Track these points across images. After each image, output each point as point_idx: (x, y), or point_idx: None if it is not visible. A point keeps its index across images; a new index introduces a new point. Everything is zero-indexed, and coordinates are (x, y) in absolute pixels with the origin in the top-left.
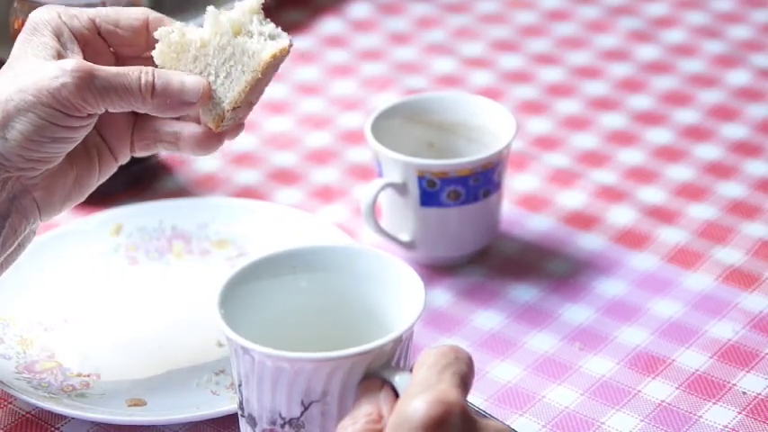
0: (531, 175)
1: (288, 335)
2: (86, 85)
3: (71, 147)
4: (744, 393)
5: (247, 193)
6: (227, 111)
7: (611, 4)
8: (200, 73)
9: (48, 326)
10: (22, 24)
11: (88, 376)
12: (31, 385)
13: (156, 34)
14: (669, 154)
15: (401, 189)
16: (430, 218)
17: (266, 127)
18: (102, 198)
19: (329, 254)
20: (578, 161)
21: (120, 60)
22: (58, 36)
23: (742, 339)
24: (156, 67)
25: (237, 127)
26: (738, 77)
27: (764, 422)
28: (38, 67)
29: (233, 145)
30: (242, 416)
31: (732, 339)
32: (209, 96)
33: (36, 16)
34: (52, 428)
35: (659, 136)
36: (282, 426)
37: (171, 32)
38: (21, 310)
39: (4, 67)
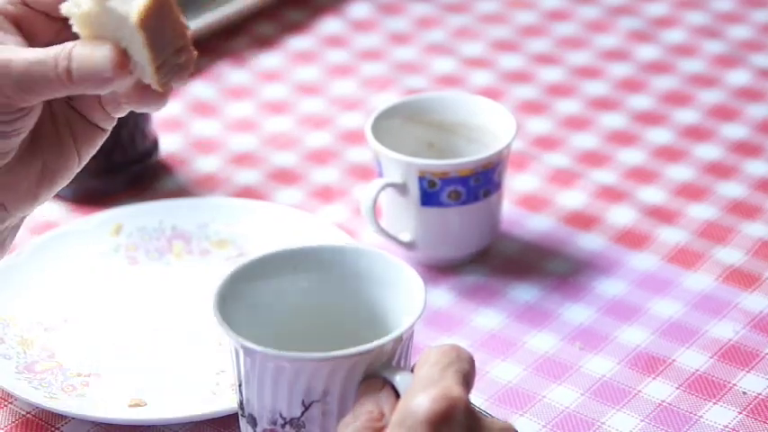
0: (532, 175)
1: (287, 334)
2: (4, 82)
3: (16, 140)
4: (744, 393)
5: (247, 193)
6: (155, 70)
7: (611, 4)
8: (117, 37)
9: (48, 326)
10: None
11: (88, 376)
12: (31, 385)
13: (63, 11)
14: (669, 154)
15: (401, 189)
16: (430, 218)
17: (266, 127)
18: (102, 198)
19: (330, 253)
20: (578, 161)
21: (62, 28)
22: (18, 24)
23: (742, 339)
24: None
25: (182, 72)
26: (738, 77)
27: (765, 422)
28: None
29: (233, 145)
30: (242, 416)
31: (732, 339)
32: (124, 64)
33: None
34: (52, 428)
35: (659, 136)
36: (283, 425)
37: (71, 6)
38: (21, 310)
39: None
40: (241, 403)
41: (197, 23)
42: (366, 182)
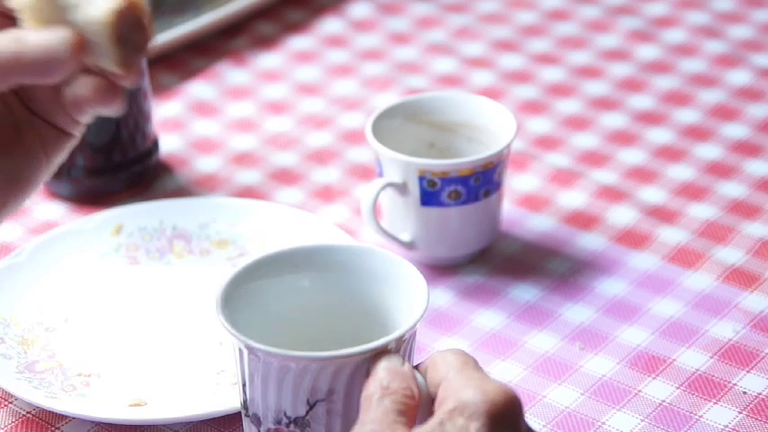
0: (532, 175)
1: (290, 334)
2: None
3: None
4: (744, 393)
5: (248, 193)
6: (114, 50)
7: (611, 4)
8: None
9: (48, 326)
10: None
11: (89, 376)
12: (31, 385)
13: (16, 5)
14: (669, 154)
15: (402, 189)
16: (430, 218)
17: (266, 127)
18: (103, 198)
19: (332, 252)
20: (578, 161)
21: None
22: None
23: (742, 339)
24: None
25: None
26: (738, 77)
27: (765, 422)
28: None
29: (233, 145)
30: (246, 415)
31: (732, 339)
32: (82, 47)
33: None
34: (52, 428)
35: (659, 136)
36: (288, 425)
37: None
38: (21, 310)
39: None
40: (245, 403)
41: (197, 23)
42: (366, 182)
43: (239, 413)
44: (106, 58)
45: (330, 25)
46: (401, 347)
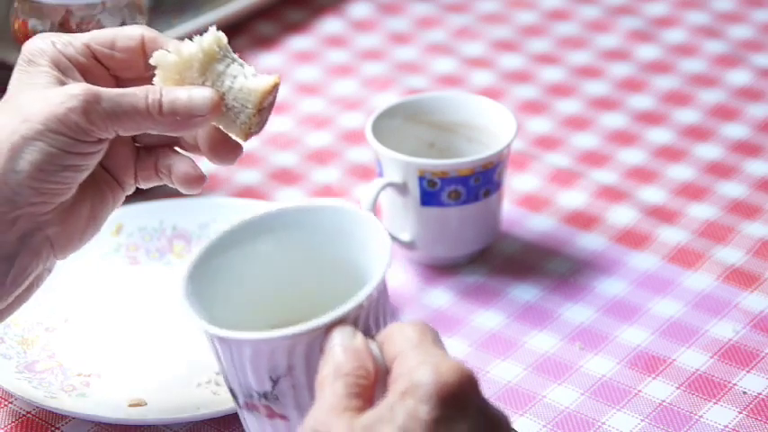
0: (532, 175)
1: (265, 303)
2: (93, 108)
3: (83, 175)
4: (744, 393)
5: (248, 192)
6: (252, 117)
7: (611, 4)
8: (212, 84)
9: (48, 326)
10: (23, 24)
11: (89, 376)
12: (31, 385)
13: (153, 60)
14: (669, 154)
15: (401, 189)
16: (430, 218)
17: (267, 127)
18: None
19: (294, 214)
20: (578, 161)
21: (120, 84)
22: (57, 64)
23: (742, 339)
24: None
25: (235, 150)
26: (738, 77)
27: (765, 422)
28: (41, 95)
29: None
30: (229, 389)
31: (732, 339)
32: (220, 107)
33: (30, 46)
34: (52, 428)
35: (659, 136)
36: (259, 399)
37: (167, 54)
38: (22, 310)
39: (4, 99)
40: (222, 377)
41: (197, 23)
42: (366, 182)
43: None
44: (234, 123)
45: (330, 25)
46: (363, 313)
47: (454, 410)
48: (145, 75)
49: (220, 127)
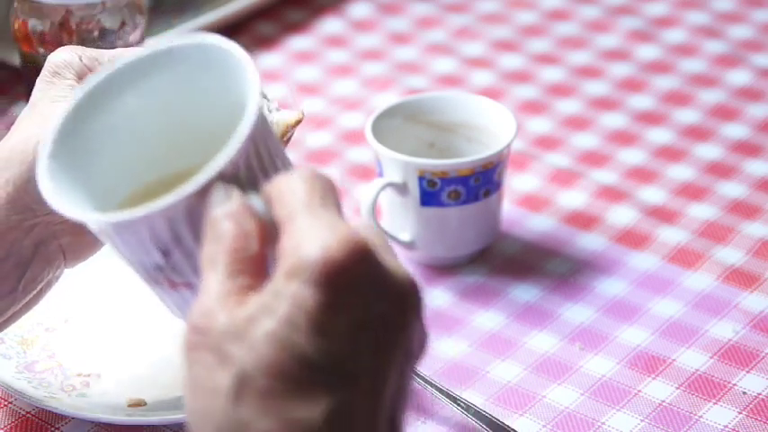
0: (532, 175)
1: (144, 162)
2: None
3: None
4: (744, 393)
5: None
6: None
7: (611, 4)
8: None
9: (48, 326)
10: (23, 24)
11: (88, 376)
12: (31, 385)
13: None
14: (669, 154)
15: (401, 189)
16: (430, 218)
17: None
18: None
19: (150, 62)
20: (578, 161)
21: None
22: (81, 78)
23: (742, 339)
24: None
25: None
26: (738, 77)
27: (765, 422)
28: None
29: None
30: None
31: (732, 339)
32: None
33: (56, 59)
34: (52, 428)
35: (659, 136)
36: (156, 272)
37: None
38: None
39: (25, 111)
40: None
41: (197, 23)
42: (366, 182)
43: None
44: None
45: (330, 25)
46: (240, 165)
47: (346, 292)
48: None
49: None
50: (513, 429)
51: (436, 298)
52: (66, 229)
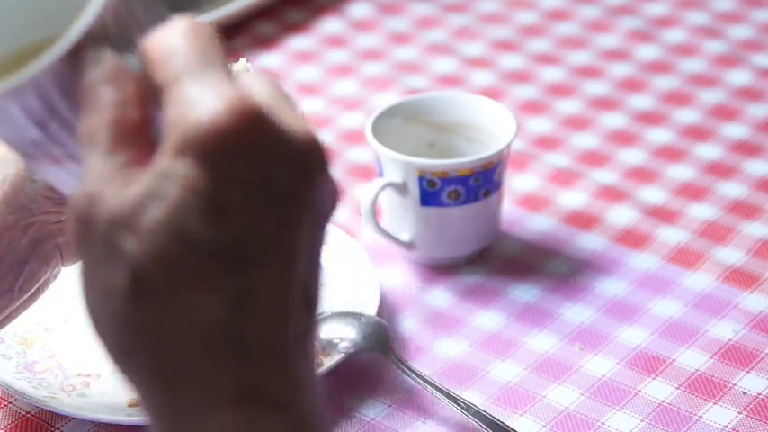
0: (532, 175)
1: (7, 32)
2: None
3: None
4: (744, 393)
5: None
6: None
7: (611, 4)
8: None
9: (48, 326)
10: None
11: (88, 376)
12: (31, 385)
13: None
14: (669, 154)
15: (401, 189)
16: (430, 218)
17: None
18: None
19: None
20: (578, 161)
21: None
22: None
23: (742, 339)
24: None
25: None
26: (738, 77)
27: (765, 422)
28: None
29: None
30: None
31: (732, 339)
32: None
33: None
34: (52, 428)
35: (659, 136)
36: (36, 149)
37: None
38: None
39: None
40: None
41: None
42: (366, 182)
43: None
44: None
45: (330, 25)
46: (110, 27)
47: (235, 168)
48: None
49: None
50: (513, 429)
51: (436, 298)
52: (63, 228)
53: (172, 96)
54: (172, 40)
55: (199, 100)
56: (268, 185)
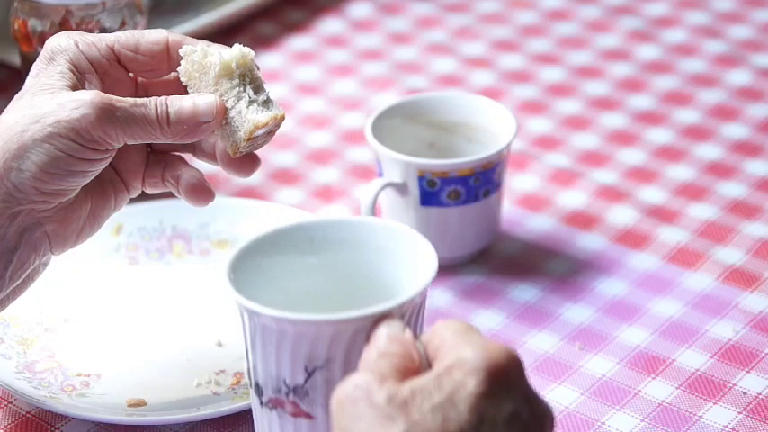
0: (532, 175)
1: (298, 310)
2: (108, 117)
3: (86, 181)
4: (744, 393)
5: (247, 193)
6: (242, 141)
7: (611, 4)
8: (221, 96)
9: (48, 326)
10: (23, 24)
11: (88, 376)
12: (31, 385)
13: (182, 51)
14: (669, 154)
15: (401, 189)
16: (430, 218)
17: None
18: None
19: (343, 227)
20: (578, 161)
21: (140, 86)
22: (76, 65)
23: (742, 339)
24: (182, 83)
25: (251, 164)
26: (738, 77)
27: (765, 422)
28: (54, 97)
29: None
30: (250, 386)
31: (732, 339)
32: (223, 114)
33: (52, 44)
34: (52, 428)
35: (659, 136)
36: (287, 393)
37: (194, 52)
38: (21, 309)
39: (18, 96)
40: (249, 371)
41: (197, 23)
42: (366, 182)
43: (239, 413)
44: (228, 138)
45: (330, 25)
46: (405, 315)
47: (501, 388)
48: (168, 77)
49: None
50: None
51: (436, 298)
52: (51, 216)
53: (443, 346)
54: (447, 322)
55: (469, 343)
56: (517, 413)
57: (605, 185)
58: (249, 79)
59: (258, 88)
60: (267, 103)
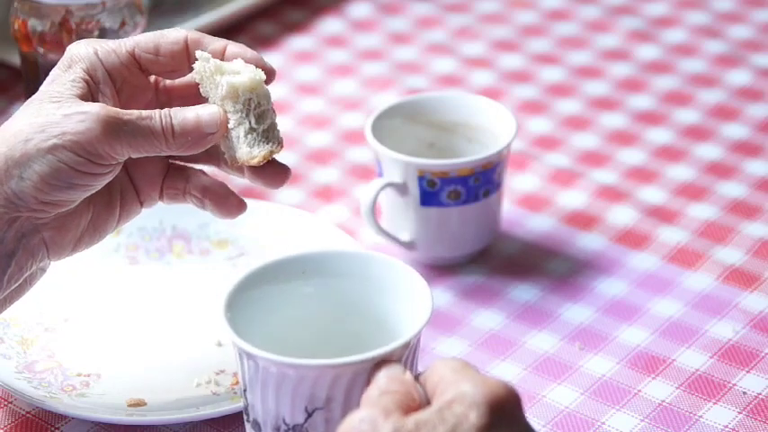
0: (532, 175)
1: (294, 341)
2: (114, 131)
3: (88, 194)
4: (744, 393)
5: (247, 192)
6: (237, 161)
7: (611, 4)
8: (226, 112)
9: (48, 326)
10: (23, 24)
11: (88, 376)
12: (31, 385)
13: (198, 54)
14: (669, 154)
15: (401, 189)
16: (430, 218)
17: None
18: None
19: (338, 259)
20: (578, 161)
21: (161, 92)
22: (91, 74)
23: (742, 339)
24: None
25: (281, 175)
26: (738, 77)
27: (764, 422)
28: (61, 107)
29: None
30: (247, 421)
31: (732, 339)
32: (226, 127)
33: (72, 51)
34: (52, 428)
35: (659, 136)
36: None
37: (209, 60)
38: (21, 310)
39: (28, 101)
40: (246, 408)
41: (197, 23)
42: (366, 182)
43: (239, 413)
44: (229, 153)
45: (330, 25)
46: (403, 355)
47: (502, 421)
48: (189, 81)
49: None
50: None
51: (436, 298)
52: (49, 223)
53: (441, 383)
54: (444, 360)
55: (468, 378)
56: None
57: (605, 185)
58: (255, 104)
59: (262, 116)
60: (268, 132)
